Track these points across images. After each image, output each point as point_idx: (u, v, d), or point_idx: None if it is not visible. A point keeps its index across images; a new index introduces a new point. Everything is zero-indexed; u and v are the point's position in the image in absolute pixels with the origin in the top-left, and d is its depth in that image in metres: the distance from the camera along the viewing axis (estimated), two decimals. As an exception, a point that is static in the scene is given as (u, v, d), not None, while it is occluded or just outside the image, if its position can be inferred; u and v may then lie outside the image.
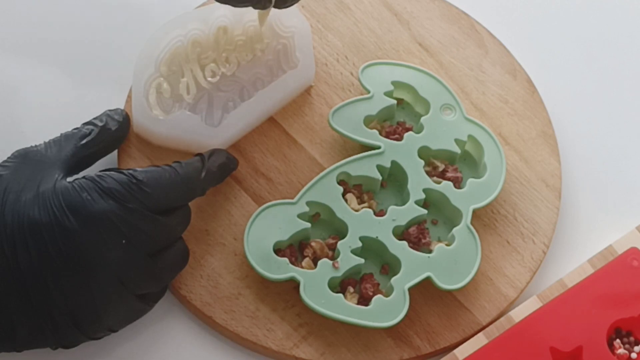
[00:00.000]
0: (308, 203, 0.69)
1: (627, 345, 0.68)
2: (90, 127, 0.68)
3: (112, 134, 0.69)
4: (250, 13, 0.72)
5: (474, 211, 0.70)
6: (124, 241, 0.62)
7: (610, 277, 0.69)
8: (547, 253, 0.72)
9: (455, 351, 0.67)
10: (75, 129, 0.68)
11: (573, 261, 0.72)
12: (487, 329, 0.68)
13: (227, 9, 0.72)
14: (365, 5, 0.79)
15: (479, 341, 0.67)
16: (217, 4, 0.70)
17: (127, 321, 0.65)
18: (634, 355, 0.68)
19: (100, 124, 0.69)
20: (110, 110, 0.70)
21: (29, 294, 0.60)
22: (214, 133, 0.71)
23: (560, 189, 0.74)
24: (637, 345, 0.68)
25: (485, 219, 0.72)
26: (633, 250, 0.70)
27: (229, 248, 0.69)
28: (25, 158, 0.65)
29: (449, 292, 0.69)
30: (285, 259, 0.67)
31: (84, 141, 0.67)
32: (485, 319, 0.69)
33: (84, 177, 0.63)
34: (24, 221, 0.61)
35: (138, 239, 0.62)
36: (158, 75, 0.71)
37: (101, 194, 0.62)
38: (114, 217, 0.61)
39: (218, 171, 0.68)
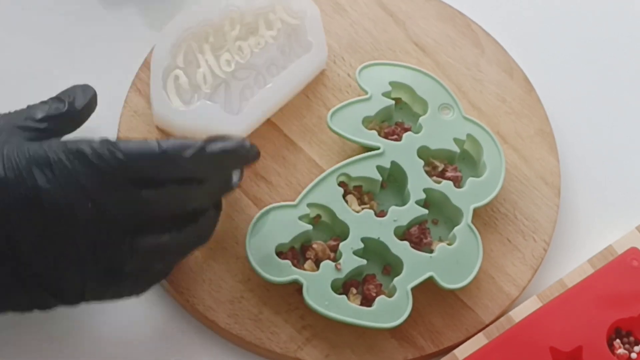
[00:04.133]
0: (309, 205, 0.69)
1: (627, 345, 0.68)
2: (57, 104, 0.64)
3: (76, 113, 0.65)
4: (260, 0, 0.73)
5: (474, 210, 0.70)
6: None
7: (610, 277, 0.69)
8: (548, 253, 0.72)
9: (455, 351, 0.67)
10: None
11: (573, 261, 0.72)
12: (487, 329, 0.68)
13: None
14: (361, 6, 0.79)
15: (479, 341, 0.67)
16: None
17: (103, 290, 0.60)
18: (634, 355, 0.68)
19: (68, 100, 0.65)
20: (78, 86, 0.67)
21: None
22: (235, 121, 0.71)
23: (559, 186, 0.74)
24: (637, 345, 0.68)
25: (485, 218, 0.72)
26: (633, 250, 0.70)
27: (230, 252, 0.69)
28: None
29: (452, 291, 0.69)
30: (288, 262, 0.67)
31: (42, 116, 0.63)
32: (488, 317, 0.69)
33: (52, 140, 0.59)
34: None
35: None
36: (175, 67, 0.71)
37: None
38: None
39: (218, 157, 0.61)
